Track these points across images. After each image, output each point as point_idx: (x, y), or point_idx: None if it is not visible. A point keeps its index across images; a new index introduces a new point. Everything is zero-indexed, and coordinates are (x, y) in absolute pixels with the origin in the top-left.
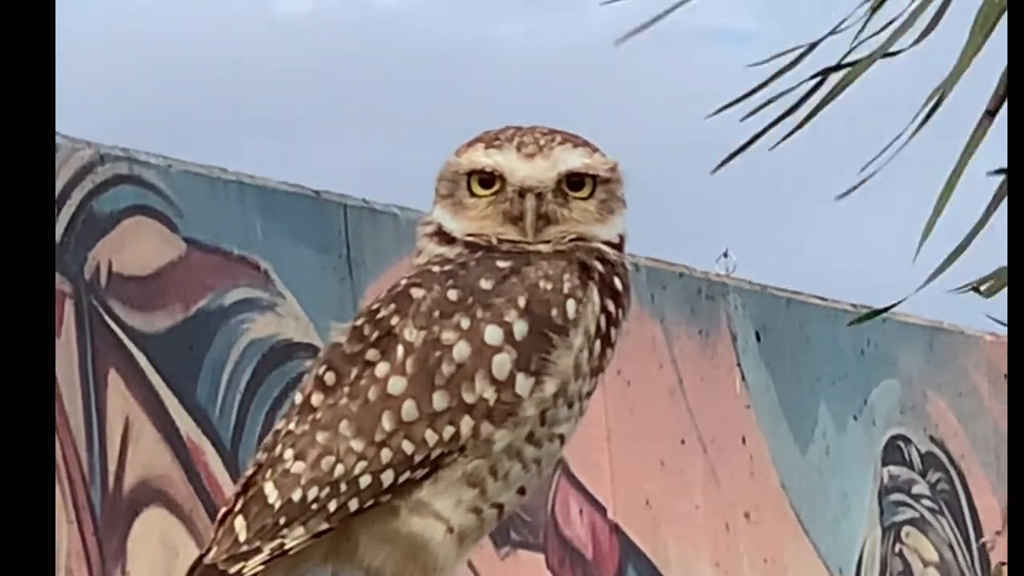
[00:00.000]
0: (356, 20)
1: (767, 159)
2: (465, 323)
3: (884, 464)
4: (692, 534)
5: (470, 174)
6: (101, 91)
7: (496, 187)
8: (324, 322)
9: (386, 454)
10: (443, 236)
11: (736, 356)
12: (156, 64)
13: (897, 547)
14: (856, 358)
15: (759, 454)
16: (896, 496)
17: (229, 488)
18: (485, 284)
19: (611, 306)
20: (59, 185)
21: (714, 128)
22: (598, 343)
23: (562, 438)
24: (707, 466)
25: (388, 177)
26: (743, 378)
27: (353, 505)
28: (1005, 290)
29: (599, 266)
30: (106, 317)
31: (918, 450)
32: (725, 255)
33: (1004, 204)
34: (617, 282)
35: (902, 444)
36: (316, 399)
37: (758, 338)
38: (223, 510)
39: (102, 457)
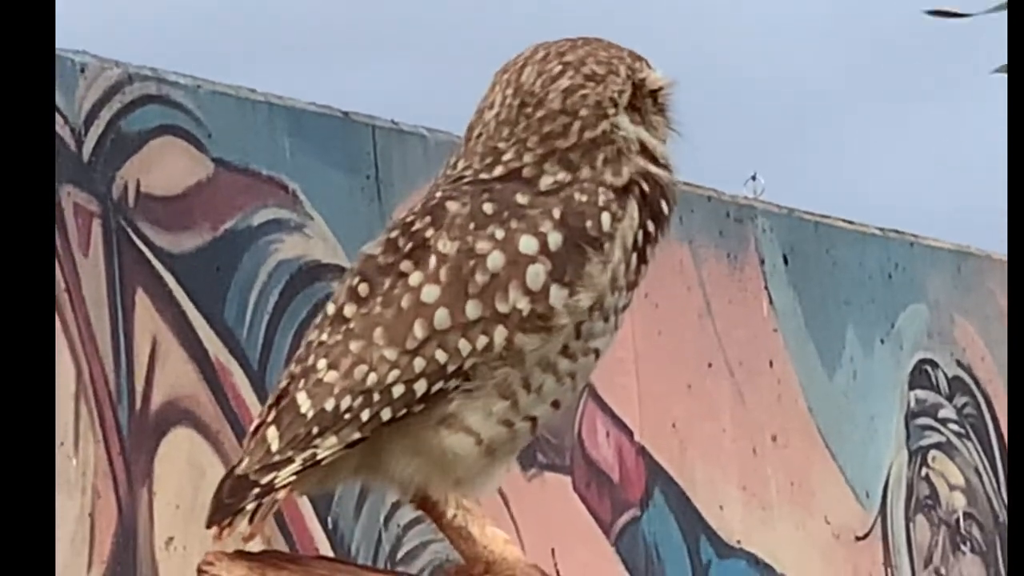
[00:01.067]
0: None
1: (795, 83)
2: (499, 234)
3: (911, 388)
4: (719, 457)
5: None
6: (130, 11)
7: None
8: (352, 243)
9: (419, 363)
10: None
11: (764, 279)
12: None
13: (923, 471)
14: (883, 282)
15: (786, 377)
16: (923, 420)
17: (256, 409)
18: (521, 198)
19: (651, 225)
20: (87, 105)
21: (743, 51)
22: (634, 257)
23: (597, 352)
24: (734, 389)
25: (417, 98)
26: (771, 301)
27: (386, 415)
28: None
29: (643, 184)
30: (134, 237)
31: (945, 374)
32: (753, 178)
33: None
34: (662, 203)
35: (929, 368)
36: (349, 310)
37: (786, 261)
38: (256, 421)
39: (129, 377)
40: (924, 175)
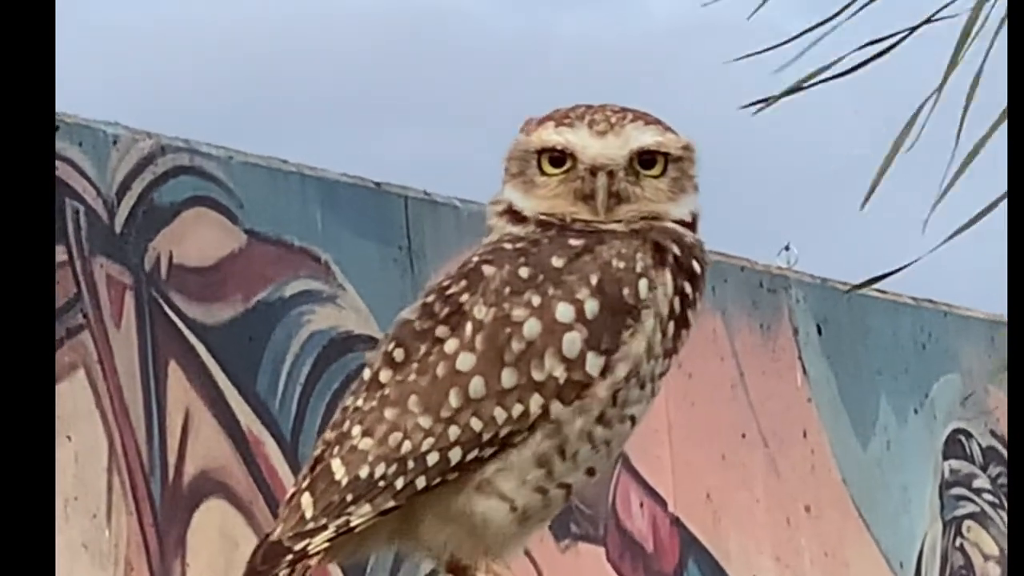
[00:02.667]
0: (416, 11)
1: (828, 151)
2: (536, 300)
3: (945, 458)
4: (753, 528)
5: (541, 152)
6: (162, 83)
7: (567, 165)
8: (385, 314)
9: (454, 431)
10: (514, 215)
11: (797, 349)
12: (217, 55)
13: (958, 541)
14: (917, 352)
15: (820, 448)
16: (957, 490)
17: (289, 480)
18: (557, 262)
19: (687, 288)
20: (119, 176)
21: (775, 120)
22: (672, 324)
23: (633, 419)
24: (768, 460)
25: (449, 169)
26: (804, 371)
27: (420, 483)
28: None
29: (675, 248)
30: (166, 308)
31: (979, 444)
32: (786, 248)
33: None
34: (695, 264)
35: (963, 438)
36: (384, 376)
37: (819, 331)
38: (292, 490)
39: (162, 448)
40: (955, 244)
